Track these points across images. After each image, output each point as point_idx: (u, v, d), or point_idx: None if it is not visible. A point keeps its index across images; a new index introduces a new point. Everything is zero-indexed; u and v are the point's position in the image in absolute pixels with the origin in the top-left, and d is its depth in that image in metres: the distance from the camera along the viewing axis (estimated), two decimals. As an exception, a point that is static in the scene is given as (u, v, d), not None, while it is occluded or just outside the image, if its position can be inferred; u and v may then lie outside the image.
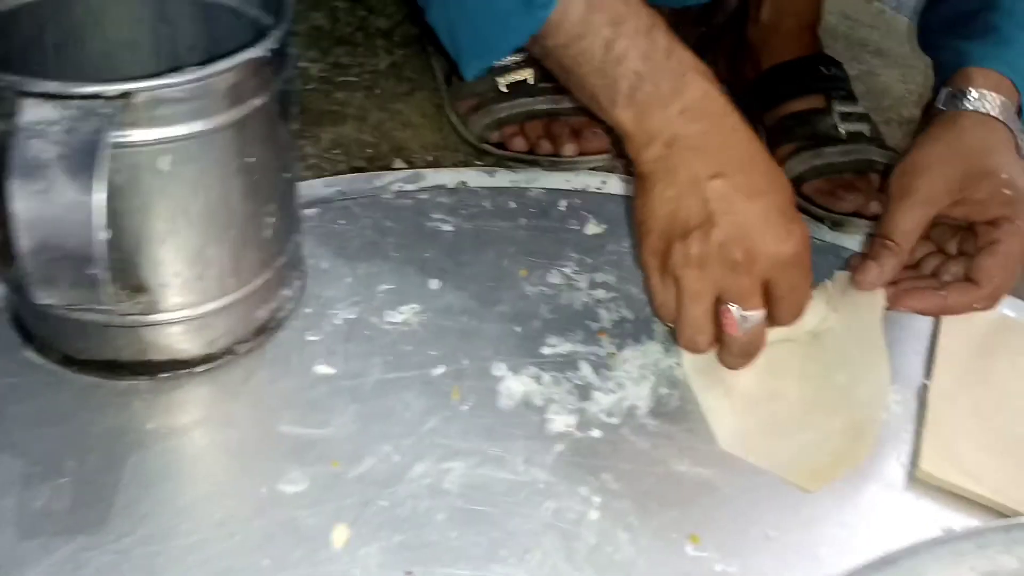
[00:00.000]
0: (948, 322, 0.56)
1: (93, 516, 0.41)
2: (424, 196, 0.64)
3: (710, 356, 0.51)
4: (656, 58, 0.45)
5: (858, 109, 0.70)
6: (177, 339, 0.46)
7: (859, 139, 0.68)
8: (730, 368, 0.50)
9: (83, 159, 0.33)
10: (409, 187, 0.65)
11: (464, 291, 0.56)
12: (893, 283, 0.54)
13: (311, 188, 0.63)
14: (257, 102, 0.41)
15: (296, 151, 0.47)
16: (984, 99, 0.54)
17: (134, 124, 0.37)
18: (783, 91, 0.71)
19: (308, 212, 0.60)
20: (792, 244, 0.46)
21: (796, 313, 0.49)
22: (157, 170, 0.39)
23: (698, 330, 0.48)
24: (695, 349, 0.49)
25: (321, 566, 0.40)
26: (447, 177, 0.67)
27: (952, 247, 0.56)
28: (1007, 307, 0.59)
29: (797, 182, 0.67)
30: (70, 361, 0.46)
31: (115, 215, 0.40)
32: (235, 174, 0.42)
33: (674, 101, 0.46)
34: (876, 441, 0.48)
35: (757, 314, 0.47)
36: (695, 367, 0.51)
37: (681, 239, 0.46)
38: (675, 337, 0.50)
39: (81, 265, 0.34)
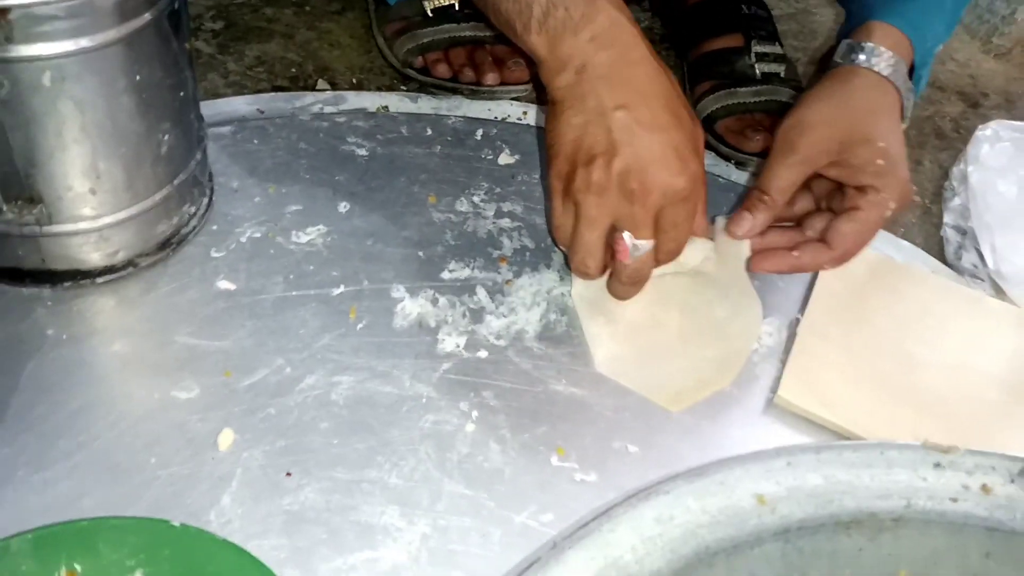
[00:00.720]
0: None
1: (-12, 415, 0.43)
2: (341, 119, 0.65)
3: (599, 286, 0.54)
4: None
5: (776, 50, 0.71)
6: (76, 250, 0.48)
7: (772, 80, 0.69)
8: (618, 297, 0.53)
9: (-46, 71, 0.34)
10: (329, 109, 0.66)
11: (372, 215, 0.58)
12: (763, 234, 0.56)
13: (229, 105, 0.64)
14: (143, 20, 0.41)
15: (192, 70, 0.48)
16: (879, 56, 0.55)
17: (12, 40, 0.38)
18: (705, 28, 0.72)
19: (222, 130, 0.61)
20: (684, 181, 0.48)
21: (675, 249, 0.51)
22: (41, 86, 0.40)
23: (590, 254, 0.50)
24: (585, 273, 0.51)
25: (206, 466, 0.43)
26: (369, 100, 0.67)
27: (824, 202, 0.58)
28: (891, 248, 0.63)
29: (711, 120, 0.69)
30: (-28, 268, 0.48)
31: (2, 129, 0.41)
32: (123, 92, 0.43)
33: (584, 28, 0.47)
34: (740, 370, 0.52)
35: (647, 243, 0.50)
36: (583, 296, 0.54)
37: (585, 165, 0.48)
38: (568, 262, 0.53)
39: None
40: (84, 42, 0.40)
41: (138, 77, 0.43)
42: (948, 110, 0.81)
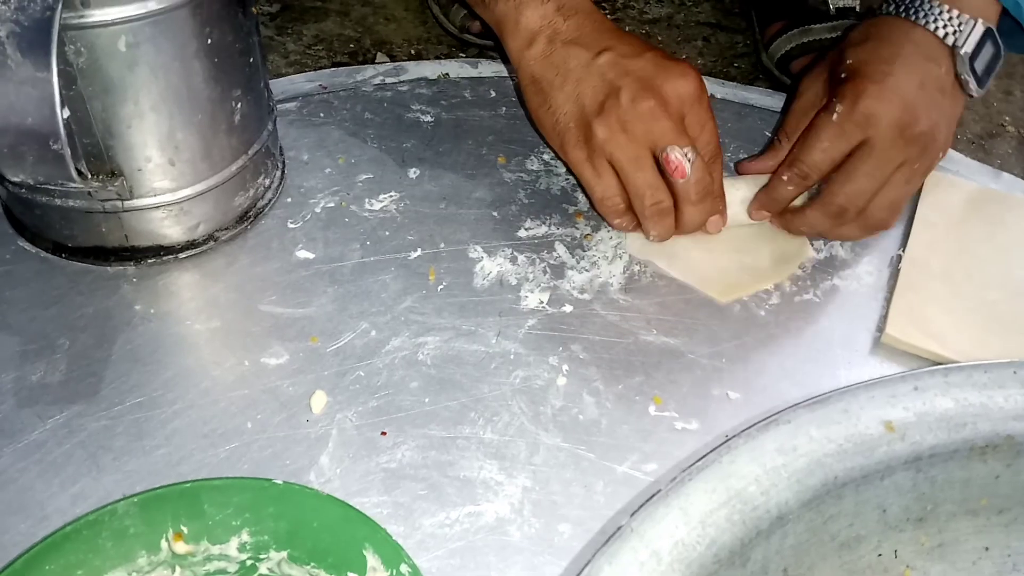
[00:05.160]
0: (927, 193, 0.56)
1: (85, 388, 0.43)
2: (404, 88, 0.64)
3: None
4: None
5: (848, -17, 0.68)
6: (158, 225, 0.48)
7: (848, 14, 0.66)
8: (699, 221, 0.50)
9: (35, 37, 0.34)
10: (391, 80, 0.65)
11: (442, 179, 0.57)
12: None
13: (292, 83, 0.64)
14: (211, -19, 0.41)
15: (258, 36, 0.47)
16: (949, 18, 0.49)
17: (88, 4, 0.38)
18: (771, -33, 0.69)
19: (287, 106, 0.61)
20: (692, 80, 0.47)
21: (715, 149, 0.49)
22: (116, 51, 0.40)
23: (655, 189, 0.48)
24: (660, 210, 0.49)
25: (301, 428, 0.43)
26: (429, 69, 0.66)
27: None
28: (989, 178, 0.59)
29: (785, 60, 0.66)
30: (60, 248, 0.48)
31: (80, 99, 0.41)
32: (195, 56, 0.42)
33: None
34: (795, 269, 0.51)
35: (692, 150, 0.48)
36: (646, 247, 0.52)
37: (597, 116, 0.47)
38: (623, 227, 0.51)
39: (44, 141, 0.36)
40: (153, 4, 0.39)
41: (209, 40, 0.43)
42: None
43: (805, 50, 0.66)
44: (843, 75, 0.50)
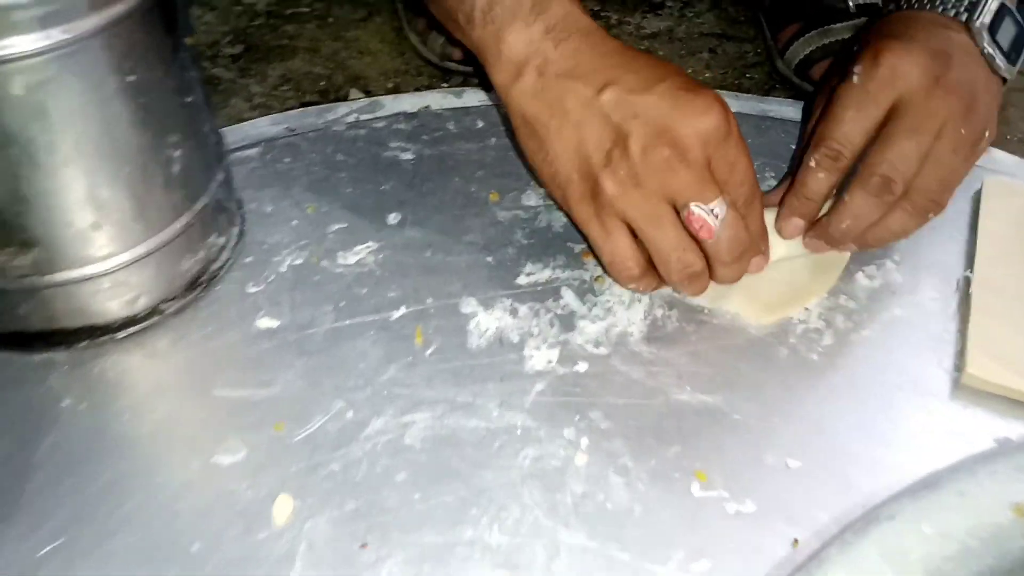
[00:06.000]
0: (988, 199, 0.48)
1: (1, 505, 0.35)
2: (380, 125, 0.57)
3: None
4: None
5: (868, -25, 0.61)
6: (88, 301, 0.40)
7: (870, 11, 0.59)
8: (733, 281, 0.43)
9: None
10: (365, 117, 0.58)
11: (427, 223, 0.49)
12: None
13: (253, 127, 0.57)
14: (125, 5, 0.34)
15: (197, 70, 0.40)
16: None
17: (-33, 39, 0.31)
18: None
19: (248, 152, 0.54)
20: (715, 115, 0.39)
21: (751, 192, 0.41)
22: (12, 95, 0.33)
23: (682, 251, 0.40)
24: (690, 275, 0.41)
25: (261, 546, 0.34)
26: (408, 102, 0.59)
27: None
28: (1060, 180, 0.51)
29: (805, 65, 0.59)
30: (-26, 337, 0.41)
31: (-27, 156, 0.34)
32: (114, 97, 0.35)
33: (536, 19, 0.40)
34: (837, 279, 0.45)
35: (721, 203, 0.39)
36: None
37: (603, 168, 0.39)
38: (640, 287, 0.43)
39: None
40: (57, 34, 0.32)
41: (131, 78, 0.35)
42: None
43: (826, 53, 0.59)
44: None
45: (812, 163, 0.42)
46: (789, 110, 0.58)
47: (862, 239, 0.43)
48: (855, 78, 0.41)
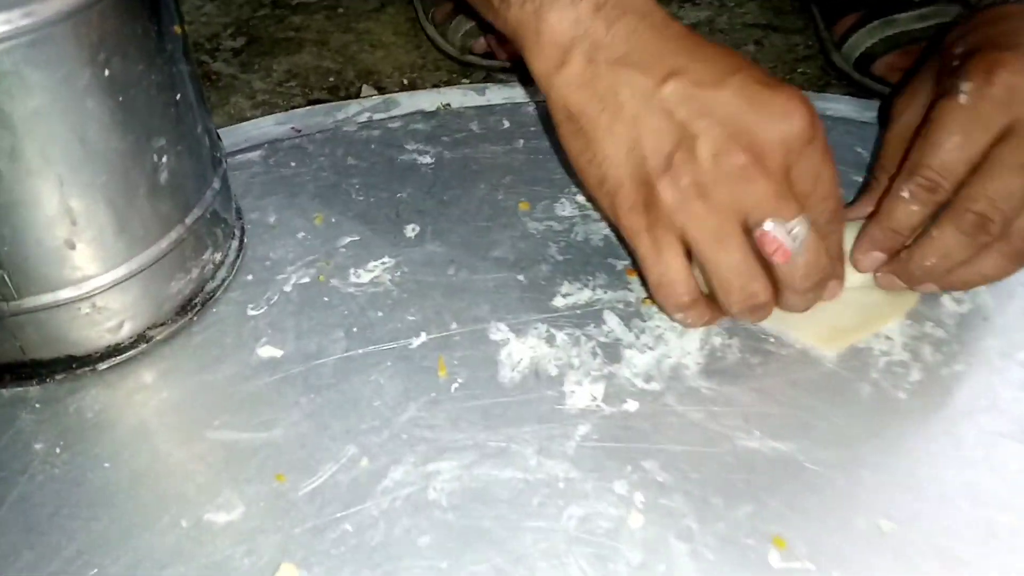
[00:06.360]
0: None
1: (-51, 580, 0.30)
2: (396, 125, 0.51)
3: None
4: None
5: (936, -41, 0.55)
6: (64, 329, 0.35)
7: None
8: (803, 310, 0.37)
9: None
10: (379, 116, 0.53)
11: (450, 236, 0.44)
12: None
13: (256, 127, 0.51)
14: (99, -16, 0.28)
15: (190, 62, 0.35)
16: None
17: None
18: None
19: (249, 156, 0.49)
20: (800, 117, 0.33)
21: (835, 208, 0.35)
22: (-38, 93, 0.27)
23: (748, 279, 0.34)
24: (754, 305, 0.35)
25: (260, 626, 0.29)
26: (426, 100, 0.54)
27: None
28: None
29: (866, 60, 0.53)
30: (-67, 371, 0.35)
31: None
32: (87, 93, 0.30)
33: None
34: (914, 305, 0.39)
35: (801, 222, 0.34)
36: None
37: (663, 174, 0.33)
38: (690, 319, 0.38)
39: None
40: (18, 17, 0.27)
41: (107, 71, 0.30)
42: None
43: (890, 45, 0.53)
44: (956, 64, 0.37)
45: (905, 193, 0.36)
46: (848, 108, 0.52)
47: (946, 280, 0.37)
48: (962, 97, 0.35)
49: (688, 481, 0.33)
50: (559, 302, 0.40)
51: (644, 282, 0.38)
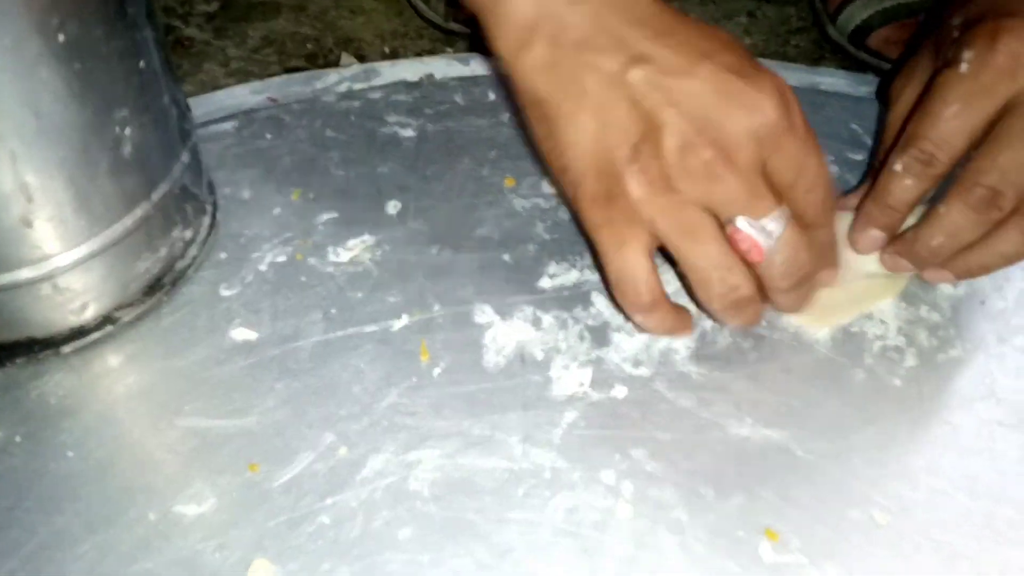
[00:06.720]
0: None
1: (-100, 578, 0.29)
2: (377, 96, 0.49)
3: None
4: None
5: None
6: (24, 311, 0.33)
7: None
8: (793, 310, 0.36)
9: None
10: (359, 86, 0.50)
11: (433, 213, 0.42)
12: None
13: (229, 97, 0.49)
14: (50, -61, 0.26)
15: (155, 28, 0.33)
16: None
17: None
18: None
19: (223, 127, 0.46)
20: (770, 108, 0.31)
21: (820, 200, 0.33)
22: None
23: (727, 269, 0.32)
24: (735, 300, 0.33)
25: (232, 625, 0.28)
26: (408, 70, 0.52)
27: None
28: None
29: (861, 33, 0.51)
30: None
31: None
32: (39, 62, 0.28)
33: None
34: (906, 284, 0.38)
35: (777, 217, 0.32)
36: None
37: (629, 165, 0.31)
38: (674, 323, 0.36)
39: None
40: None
41: (62, 36, 0.28)
42: None
43: (886, 18, 0.51)
44: (956, 35, 0.35)
45: (898, 166, 0.34)
46: (843, 82, 0.51)
47: (962, 265, 0.35)
48: (963, 65, 0.33)
49: (678, 471, 0.32)
50: (546, 283, 0.39)
51: (604, 280, 0.36)
